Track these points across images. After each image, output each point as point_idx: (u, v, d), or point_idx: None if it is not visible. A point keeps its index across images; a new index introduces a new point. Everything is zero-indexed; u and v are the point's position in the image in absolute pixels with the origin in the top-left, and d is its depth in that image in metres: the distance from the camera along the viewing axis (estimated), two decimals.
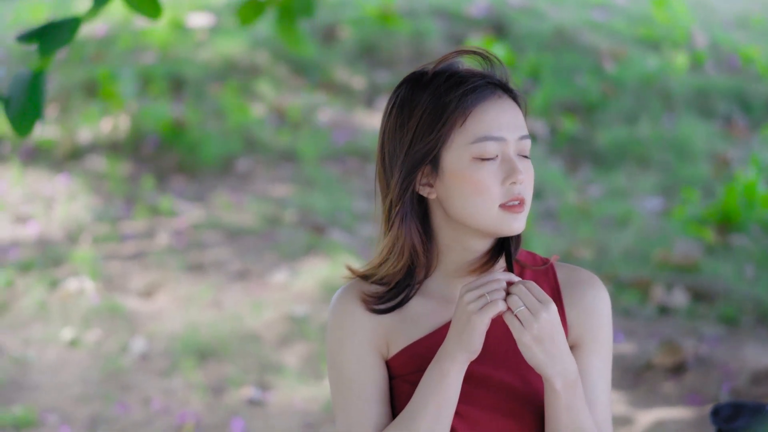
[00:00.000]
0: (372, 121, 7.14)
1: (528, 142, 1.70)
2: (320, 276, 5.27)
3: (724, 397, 4.18)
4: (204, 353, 4.73)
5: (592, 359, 1.76)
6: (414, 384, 1.72)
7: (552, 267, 1.79)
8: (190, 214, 6.01)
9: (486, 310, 1.62)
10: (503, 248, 1.73)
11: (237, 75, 7.38)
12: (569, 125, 7.12)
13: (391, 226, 1.71)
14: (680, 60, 7.86)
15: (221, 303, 5.14)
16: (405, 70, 7.81)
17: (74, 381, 4.56)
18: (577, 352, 1.75)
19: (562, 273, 1.79)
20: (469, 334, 1.63)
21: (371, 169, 6.61)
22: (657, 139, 7.00)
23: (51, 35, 2.35)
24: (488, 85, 1.69)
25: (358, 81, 7.55)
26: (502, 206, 1.66)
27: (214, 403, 4.41)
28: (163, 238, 5.72)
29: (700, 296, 5.15)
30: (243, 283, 5.31)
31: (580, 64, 7.74)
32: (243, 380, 4.54)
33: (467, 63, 1.74)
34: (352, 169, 6.66)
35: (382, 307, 1.74)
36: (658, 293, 5.13)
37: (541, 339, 1.61)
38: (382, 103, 7.27)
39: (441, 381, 1.66)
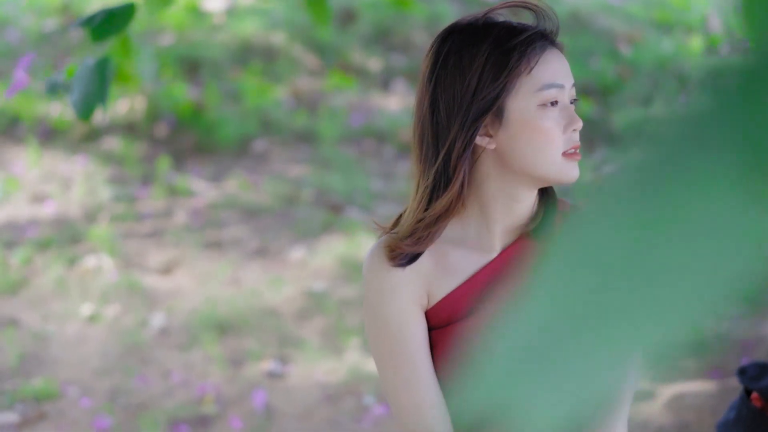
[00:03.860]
0: (388, 103, 7.14)
1: (574, 90, 1.72)
2: (338, 253, 5.27)
3: None
4: (223, 328, 4.74)
5: None
6: (447, 335, 1.71)
7: None
8: (208, 193, 6.02)
9: None
10: (544, 197, 1.75)
11: (254, 57, 7.38)
12: (585, 107, 7.12)
13: (453, 180, 1.67)
14: (695, 43, 7.85)
15: (240, 280, 5.15)
16: (420, 54, 7.81)
17: (94, 355, 4.57)
18: None
19: None
20: None
21: (388, 150, 6.61)
22: None
23: (105, 22, 2.36)
24: (544, 35, 1.70)
25: (374, 64, 7.55)
26: (564, 154, 1.67)
27: (233, 375, 4.41)
28: (180, 217, 5.73)
29: None
30: (261, 260, 5.32)
31: (595, 48, 7.73)
32: (263, 354, 4.55)
33: (505, 17, 1.74)
34: (368, 150, 6.66)
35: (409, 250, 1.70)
36: None
37: None
38: (398, 85, 7.28)
39: None
